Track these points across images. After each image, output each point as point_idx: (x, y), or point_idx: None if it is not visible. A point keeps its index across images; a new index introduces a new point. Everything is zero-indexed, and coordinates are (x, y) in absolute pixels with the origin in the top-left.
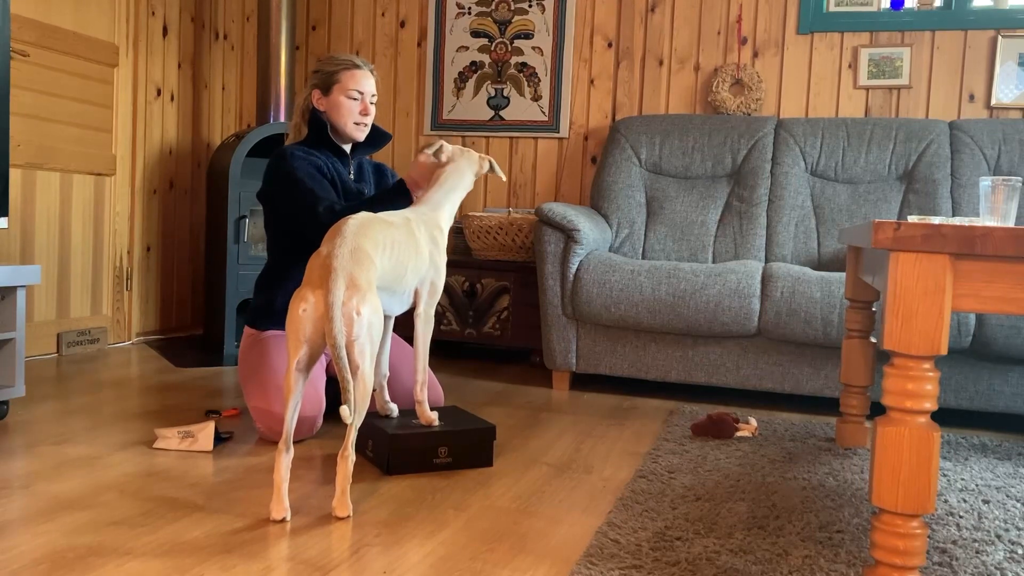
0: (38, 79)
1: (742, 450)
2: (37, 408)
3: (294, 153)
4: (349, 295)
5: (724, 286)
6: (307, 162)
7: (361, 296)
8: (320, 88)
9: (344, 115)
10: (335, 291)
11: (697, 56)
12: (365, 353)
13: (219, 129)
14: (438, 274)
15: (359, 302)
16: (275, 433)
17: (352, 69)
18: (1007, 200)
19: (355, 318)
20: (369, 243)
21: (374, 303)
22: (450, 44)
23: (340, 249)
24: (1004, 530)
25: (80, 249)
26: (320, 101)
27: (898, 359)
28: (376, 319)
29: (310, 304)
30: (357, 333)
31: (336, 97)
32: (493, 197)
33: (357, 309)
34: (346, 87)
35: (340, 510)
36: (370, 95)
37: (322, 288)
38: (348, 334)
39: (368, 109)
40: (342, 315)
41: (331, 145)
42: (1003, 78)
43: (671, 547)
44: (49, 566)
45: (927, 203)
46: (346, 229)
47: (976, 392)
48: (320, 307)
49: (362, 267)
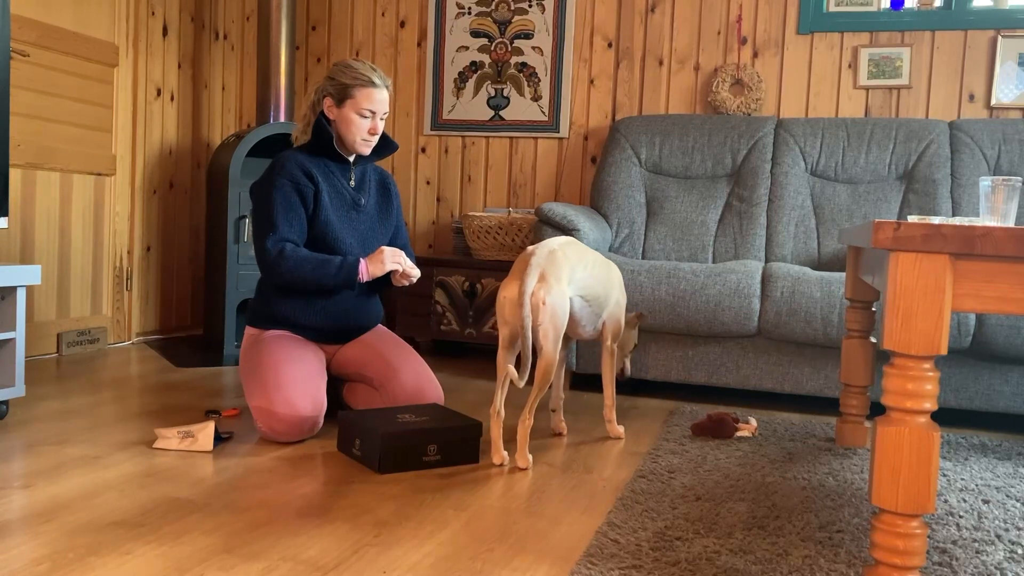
0: (38, 79)
1: (742, 450)
2: (37, 408)
3: (287, 167)
4: (539, 287)
5: (724, 286)
6: (294, 184)
7: (548, 288)
8: (334, 98)
9: (353, 132)
10: (528, 282)
11: (697, 56)
12: (548, 336)
13: (219, 129)
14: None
15: (545, 293)
16: (276, 433)
17: (368, 87)
18: (1007, 200)
19: (541, 307)
20: (566, 253)
21: (559, 296)
22: (450, 44)
23: (540, 250)
24: (1004, 530)
25: (80, 249)
26: (331, 110)
27: (898, 359)
28: (560, 309)
29: (509, 292)
30: (542, 319)
31: (348, 112)
32: (493, 197)
33: (543, 299)
34: (359, 105)
35: (521, 462)
36: (382, 113)
37: (519, 280)
38: (535, 319)
39: (377, 128)
40: (530, 303)
41: (333, 154)
42: (1003, 78)
43: (671, 547)
44: (49, 566)
45: (927, 203)
46: (552, 240)
47: (976, 392)
48: (514, 295)
49: (554, 267)
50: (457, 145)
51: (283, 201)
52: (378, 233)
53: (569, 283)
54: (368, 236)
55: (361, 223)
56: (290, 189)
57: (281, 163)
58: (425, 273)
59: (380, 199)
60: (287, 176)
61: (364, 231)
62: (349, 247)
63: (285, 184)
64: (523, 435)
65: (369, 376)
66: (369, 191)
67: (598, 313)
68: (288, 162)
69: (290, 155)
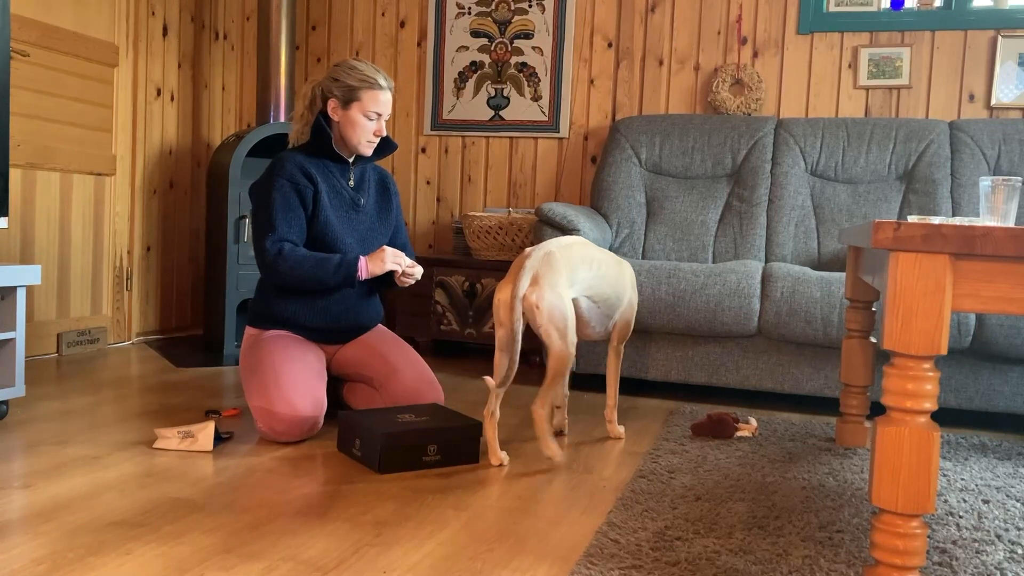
0: (38, 79)
1: (742, 450)
2: (37, 408)
3: (286, 168)
4: (531, 290)
5: (724, 286)
6: (293, 184)
7: (540, 291)
8: (339, 100)
9: (358, 134)
10: (519, 285)
11: (697, 56)
12: (552, 335)
13: (219, 129)
14: (630, 318)
15: (538, 297)
16: (276, 433)
17: (375, 89)
18: (1007, 200)
19: (536, 310)
20: (564, 254)
21: (554, 298)
22: (450, 44)
23: (536, 252)
24: (1004, 530)
25: (80, 249)
26: (336, 111)
27: (898, 359)
28: (558, 310)
29: (503, 295)
30: (541, 321)
31: (354, 114)
32: (493, 197)
33: (537, 303)
34: (366, 107)
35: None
36: (386, 115)
37: (512, 282)
38: (534, 322)
39: (382, 130)
40: (522, 306)
41: (333, 154)
42: (1003, 78)
43: (671, 547)
44: (49, 566)
45: (927, 203)
46: (554, 241)
47: (976, 392)
48: (507, 297)
49: (549, 269)
50: (457, 145)
51: (282, 201)
52: (377, 233)
53: (571, 284)
54: (368, 236)
55: (360, 223)
56: (289, 189)
57: (280, 163)
58: (425, 273)
59: (379, 199)
60: (286, 176)
61: (363, 231)
62: (349, 247)
63: (284, 184)
64: (540, 425)
65: (369, 376)
66: (368, 191)
67: (609, 314)
68: (287, 162)
69: (289, 155)
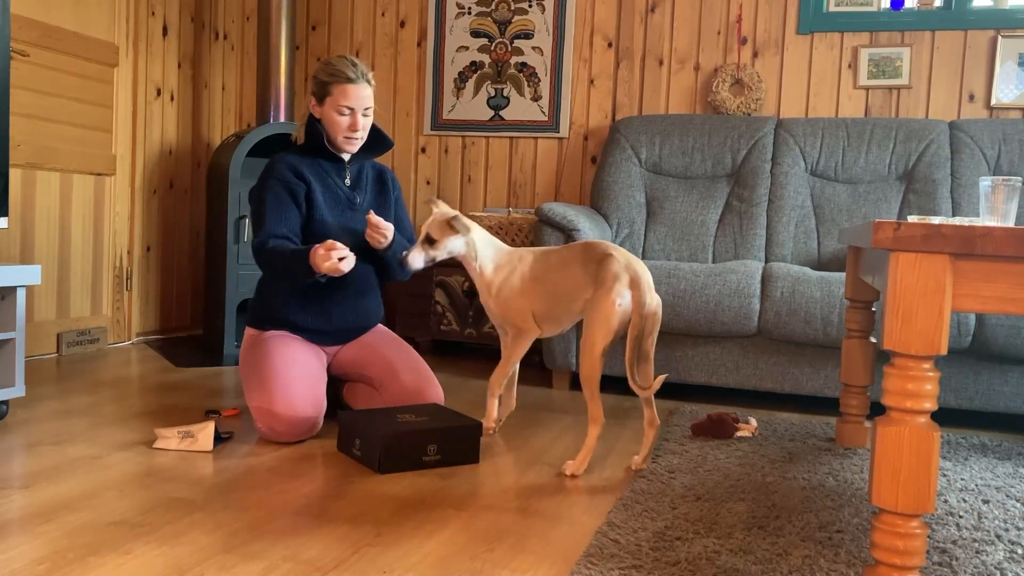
0: (38, 79)
1: (742, 450)
2: (37, 408)
3: (276, 169)
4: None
5: (724, 286)
6: (284, 184)
7: (655, 298)
8: (316, 96)
9: (335, 130)
10: (645, 292)
11: (697, 56)
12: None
13: (219, 129)
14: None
15: (657, 304)
16: (276, 433)
17: (344, 83)
18: (1007, 200)
19: (654, 318)
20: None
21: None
22: (450, 44)
23: (618, 257)
24: (1004, 530)
25: (80, 249)
26: (315, 109)
27: (898, 359)
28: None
29: (623, 300)
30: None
31: (328, 110)
32: (493, 197)
33: (656, 311)
34: (337, 102)
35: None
36: (363, 109)
37: (636, 289)
38: (651, 327)
39: (358, 124)
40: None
41: (327, 153)
42: (1003, 78)
43: (671, 547)
44: (49, 566)
45: (927, 203)
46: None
47: (976, 392)
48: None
49: (645, 272)
50: (457, 145)
51: (273, 200)
52: None
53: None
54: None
55: (358, 222)
56: (280, 188)
57: (271, 165)
58: (425, 273)
59: (377, 195)
60: (276, 176)
61: (362, 230)
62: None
63: (275, 185)
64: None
65: (369, 376)
66: (366, 189)
67: None
68: (278, 164)
69: (281, 157)
